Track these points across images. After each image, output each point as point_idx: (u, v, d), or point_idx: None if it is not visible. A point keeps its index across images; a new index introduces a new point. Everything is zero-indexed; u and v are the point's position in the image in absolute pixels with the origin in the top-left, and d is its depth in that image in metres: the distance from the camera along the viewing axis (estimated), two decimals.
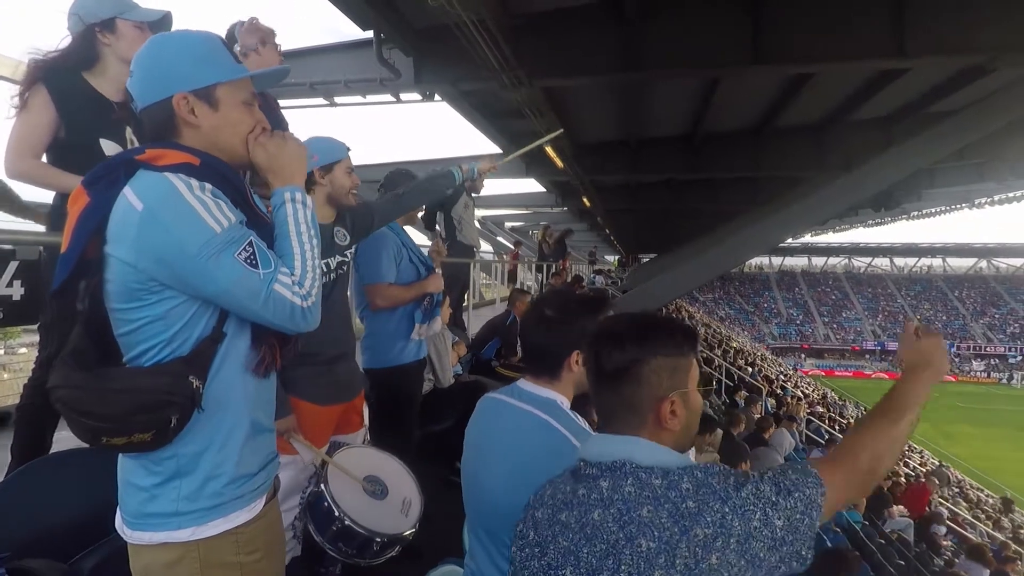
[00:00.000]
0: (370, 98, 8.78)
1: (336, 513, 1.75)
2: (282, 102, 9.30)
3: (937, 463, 20.33)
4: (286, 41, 2.70)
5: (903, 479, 12.36)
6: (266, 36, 2.59)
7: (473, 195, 5.84)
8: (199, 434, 1.14)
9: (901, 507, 9.45)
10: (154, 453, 1.12)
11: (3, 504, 1.68)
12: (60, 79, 1.97)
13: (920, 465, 18.91)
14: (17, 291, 1.97)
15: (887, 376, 49.77)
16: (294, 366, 1.98)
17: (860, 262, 65.94)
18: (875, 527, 7.68)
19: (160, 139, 1.17)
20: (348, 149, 2.22)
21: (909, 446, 23.86)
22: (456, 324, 5.80)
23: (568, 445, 1.35)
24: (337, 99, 8.93)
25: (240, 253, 1.09)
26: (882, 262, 65.30)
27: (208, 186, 1.11)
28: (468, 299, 6.85)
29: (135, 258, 1.06)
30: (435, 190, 2.50)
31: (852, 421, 20.50)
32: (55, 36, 2.07)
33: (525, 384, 1.52)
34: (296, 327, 1.18)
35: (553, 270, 11.09)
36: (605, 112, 11.19)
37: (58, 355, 1.10)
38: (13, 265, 1.97)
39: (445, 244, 5.84)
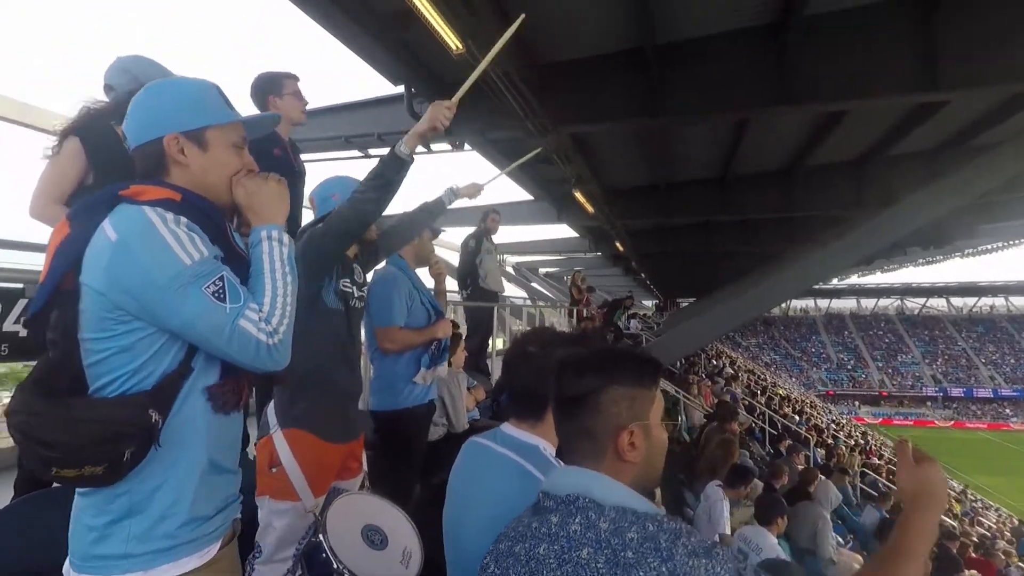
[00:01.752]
0: None
1: (335, 564, 1.68)
2: (319, 155, 9.78)
3: (1017, 521, 18.74)
4: (322, 99, 2.87)
5: (975, 539, 11.37)
6: (278, 88, 2.73)
7: (494, 238, 5.90)
8: (155, 471, 1.12)
9: (974, 572, 8.67)
10: (107, 490, 1.10)
11: None
12: (94, 131, 2.10)
13: (997, 524, 17.45)
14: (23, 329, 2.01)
15: (952, 425, 46.88)
16: (310, 397, 2.00)
17: (913, 303, 63.19)
18: None
19: (150, 177, 1.22)
20: None
21: (983, 502, 22.20)
22: (479, 369, 5.74)
23: None
24: (371, 151, 9.27)
25: (209, 287, 1.10)
26: (938, 302, 62.44)
27: (184, 220, 1.14)
28: (493, 344, 6.78)
29: (105, 287, 1.08)
30: (429, 217, 2.65)
31: None
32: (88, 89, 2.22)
33: (508, 428, 1.46)
34: (262, 365, 1.16)
35: (584, 315, 10.94)
36: (633, 156, 11.21)
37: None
38: (21, 303, 2.01)
39: (468, 291, 5.91)
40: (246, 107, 2.58)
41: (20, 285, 2.05)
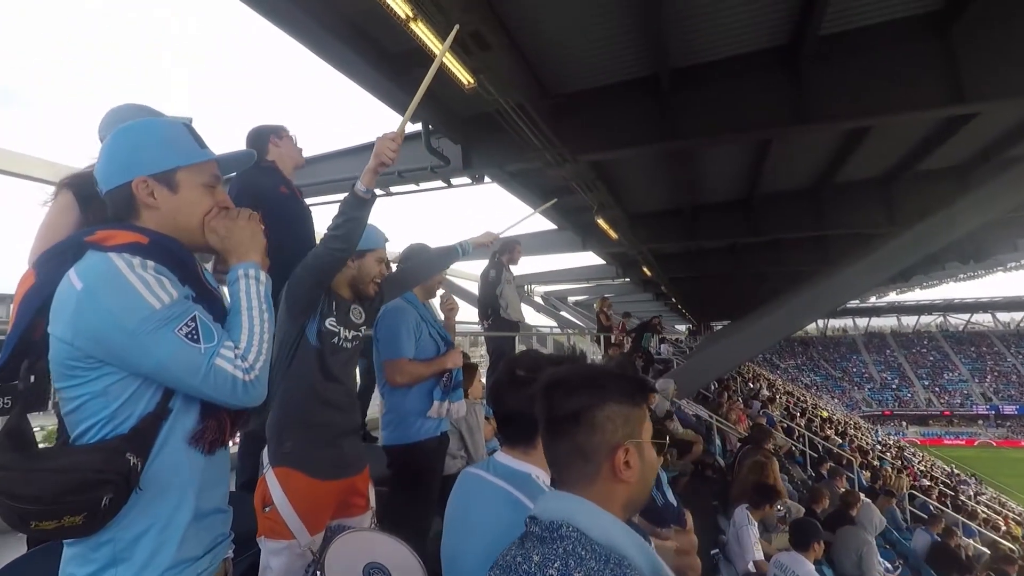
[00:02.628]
0: (423, 185, 9.23)
1: None
2: (342, 196, 10.08)
3: None
4: (339, 142, 2.95)
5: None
6: (278, 132, 2.81)
7: (513, 268, 5.95)
8: (138, 516, 1.11)
9: None
10: (90, 539, 1.08)
11: None
12: (88, 183, 2.17)
13: None
14: (25, 380, 2.05)
15: (1007, 444, 44.61)
16: (295, 436, 1.98)
17: (957, 319, 60.89)
18: None
19: (121, 220, 1.22)
20: (387, 240, 2.28)
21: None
22: None
23: None
24: (392, 189, 9.46)
25: (181, 328, 1.10)
26: (983, 318, 60.04)
27: (151, 263, 1.13)
28: None
29: (71, 336, 1.06)
30: (438, 265, 2.65)
31: (967, 497, 18.32)
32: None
33: (501, 457, 1.43)
34: (238, 401, 1.15)
35: (612, 340, 10.86)
36: (656, 181, 11.22)
37: None
38: None
39: (489, 321, 5.95)
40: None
41: None
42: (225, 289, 1.33)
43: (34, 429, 1.15)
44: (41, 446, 1.11)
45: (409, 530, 2.14)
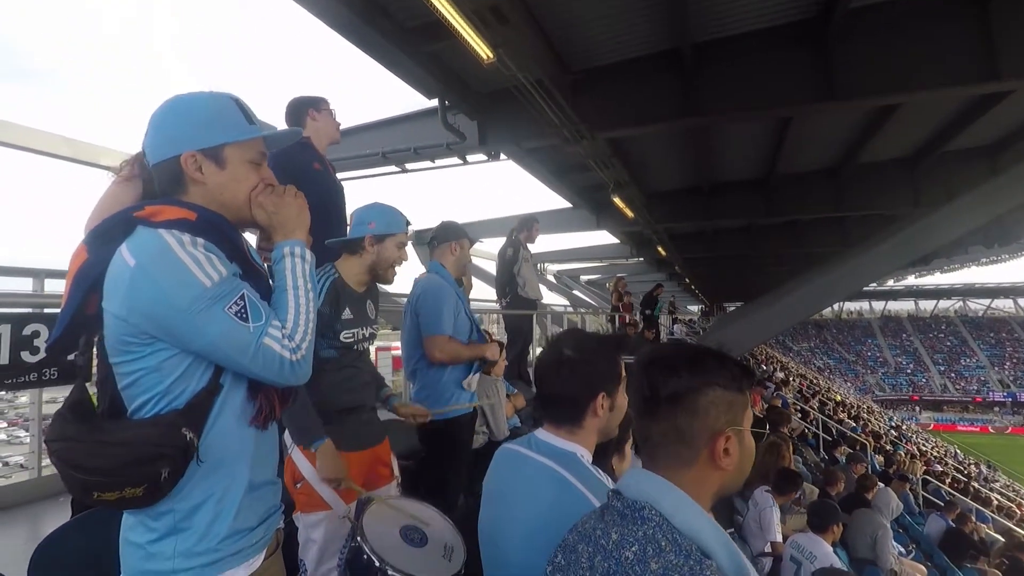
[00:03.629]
0: (439, 162, 9.17)
1: (377, 564, 1.67)
2: (358, 172, 9.95)
3: None
4: (359, 117, 2.88)
5: None
6: (317, 104, 2.75)
7: (531, 247, 5.91)
8: (196, 488, 1.14)
9: None
10: (151, 509, 1.12)
11: (49, 558, 1.72)
12: None
13: None
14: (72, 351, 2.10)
15: (1022, 432, 44.23)
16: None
17: (977, 304, 59.97)
18: None
19: (168, 195, 1.23)
20: (408, 224, 2.25)
21: None
22: (520, 377, 5.74)
23: (585, 504, 1.23)
24: (408, 165, 9.41)
25: (231, 307, 1.11)
26: (1004, 303, 59.06)
27: (200, 241, 1.14)
28: (533, 352, 6.78)
29: (126, 312, 1.08)
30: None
31: (981, 482, 18.22)
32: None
33: (543, 434, 1.41)
34: (285, 380, 1.18)
35: (627, 320, 10.81)
36: (673, 158, 11.06)
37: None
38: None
39: (507, 299, 5.94)
40: (277, 123, 2.63)
41: None
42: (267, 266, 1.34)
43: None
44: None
45: (438, 501, 2.18)
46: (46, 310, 2.11)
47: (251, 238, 2.09)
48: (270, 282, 1.30)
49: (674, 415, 0.97)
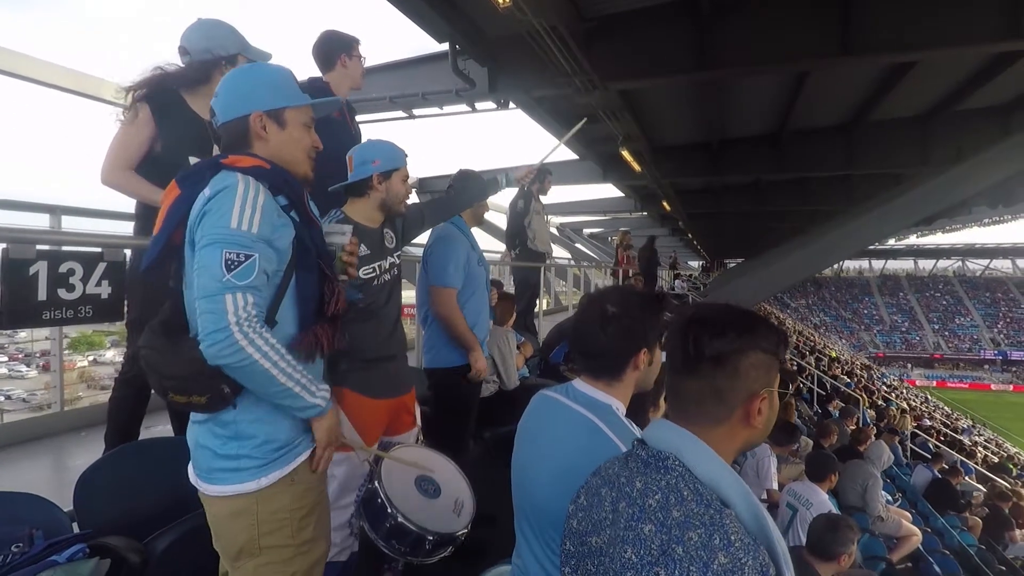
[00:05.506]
0: (447, 109, 9.04)
1: (389, 510, 1.76)
2: (364, 116, 9.77)
3: None
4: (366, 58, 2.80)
5: None
6: (349, 49, 2.67)
7: (543, 198, 5.90)
8: (253, 405, 1.34)
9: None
10: (218, 417, 1.33)
11: (91, 486, 1.85)
12: (162, 98, 2.15)
13: None
14: (105, 290, 2.12)
15: (1011, 388, 45.12)
16: (349, 358, 2.03)
17: (976, 264, 60.09)
18: (994, 552, 6.97)
19: (234, 150, 1.40)
20: (406, 156, 2.24)
21: None
22: (527, 328, 5.84)
23: (615, 452, 1.28)
24: (415, 111, 9.27)
25: (230, 254, 1.23)
26: (1002, 264, 59.19)
27: (263, 190, 1.31)
28: (540, 304, 6.86)
29: (197, 237, 1.26)
30: (482, 194, 2.73)
31: (967, 437, 18.75)
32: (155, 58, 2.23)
33: (581, 385, 1.47)
34: (209, 342, 1.21)
35: (629, 274, 10.89)
36: (684, 113, 10.91)
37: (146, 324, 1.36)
38: (101, 266, 2.12)
39: (516, 251, 5.97)
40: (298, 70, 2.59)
41: (99, 249, 2.14)
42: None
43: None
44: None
45: (448, 448, 2.27)
46: (64, 248, 2.15)
47: None
48: (323, 235, 1.52)
49: (714, 375, 0.99)
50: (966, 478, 10.21)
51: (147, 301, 2.03)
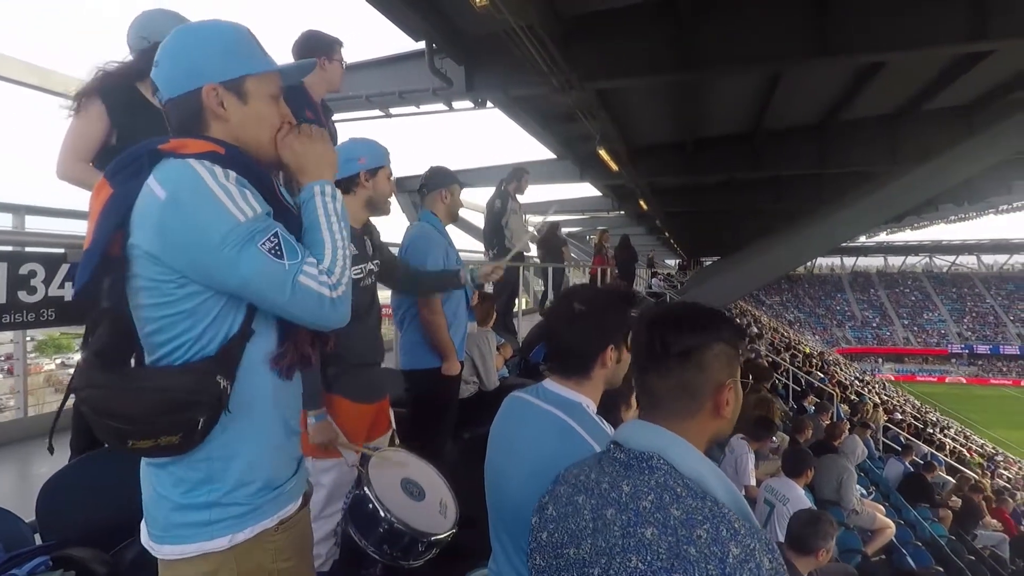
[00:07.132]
0: (423, 108, 8.98)
1: (382, 514, 1.74)
2: (339, 115, 9.68)
3: None
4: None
5: (991, 493, 11.43)
6: (330, 52, 2.60)
7: (519, 197, 5.91)
8: (230, 438, 1.10)
9: (995, 520, 8.77)
10: (184, 460, 1.08)
11: (55, 494, 1.76)
12: (115, 91, 2.09)
13: (1018, 476, 17.46)
14: (68, 292, 2.07)
15: (977, 381, 46.43)
16: (338, 364, 2.04)
17: (943, 260, 61.78)
18: (964, 542, 7.15)
19: (186, 132, 1.13)
20: (388, 154, 2.22)
21: (1005, 456, 22.17)
22: (507, 329, 5.83)
23: (588, 451, 1.27)
24: (392, 110, 9.19)
25: (264, 243, 1.04)
26: (968, 260, 60.94)
27: (233, 174, 1.06)
28: (519, 304, 6.85)
29: (159, 248, 1.01)
30: (442, 287, 2.68)
31: (936, 429, 19.22)
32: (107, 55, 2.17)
33: (551, 384, 1.46)
34: (325, 320, 1.10)
35: (607, 273, 10.95)
36: (660, 112, 10.99)
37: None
38: (64, 268, 2.06)
39: (494, 251, 5.96)
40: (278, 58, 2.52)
41: (61, 250, 2.08)
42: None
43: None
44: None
45: (427, 450, 2.28)
46: (27, 248, 2.07)
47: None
48: (300, 222, 1.21)
49: (683, 369, 1.01)
50: (938, 470, 10.46)
51: None
